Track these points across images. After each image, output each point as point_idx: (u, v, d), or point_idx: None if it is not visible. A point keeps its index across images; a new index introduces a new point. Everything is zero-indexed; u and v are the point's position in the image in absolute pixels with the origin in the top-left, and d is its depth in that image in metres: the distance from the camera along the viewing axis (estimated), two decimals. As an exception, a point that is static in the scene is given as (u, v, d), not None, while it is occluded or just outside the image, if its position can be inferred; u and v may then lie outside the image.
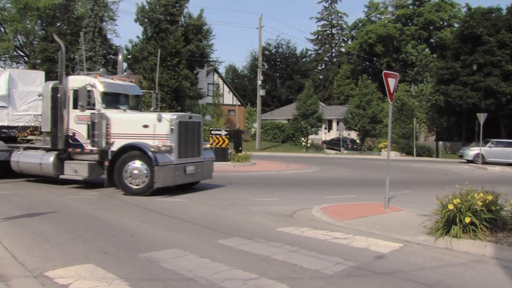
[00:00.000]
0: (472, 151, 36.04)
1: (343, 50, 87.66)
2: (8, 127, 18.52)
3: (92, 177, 15.67)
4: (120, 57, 20.49)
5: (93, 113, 15.39)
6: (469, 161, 35.74)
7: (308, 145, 54.29)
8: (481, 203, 8.55)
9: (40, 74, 20.34)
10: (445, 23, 77.74)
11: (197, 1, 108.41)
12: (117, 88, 16.85)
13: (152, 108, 18.58)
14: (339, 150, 52.31)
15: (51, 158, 16.15)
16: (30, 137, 18.32)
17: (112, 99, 16.31)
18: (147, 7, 49.43)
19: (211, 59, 57.41)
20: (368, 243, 8.68)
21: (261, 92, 48.78)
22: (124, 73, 19.84)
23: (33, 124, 18.53)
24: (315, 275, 6.75)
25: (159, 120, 14.88)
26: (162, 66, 38.18)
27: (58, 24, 56.52)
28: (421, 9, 78.37)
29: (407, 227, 9.77)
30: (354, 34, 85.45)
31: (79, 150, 15.94)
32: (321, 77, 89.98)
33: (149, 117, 15.57)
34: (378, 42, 74.49)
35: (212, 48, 55.57)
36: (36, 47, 53.96)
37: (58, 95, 16.05)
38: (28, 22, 55.95)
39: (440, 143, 55.39)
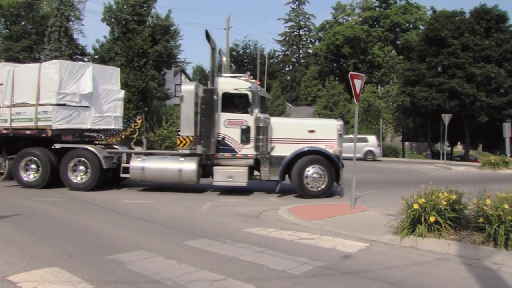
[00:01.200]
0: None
1: (310, 51, 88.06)
2: (90, 130, 17.41)
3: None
4: (224, 58, 19.58)
5: (258, 118, 15.42)
6: None
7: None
8: (445, 203, 8.68)
9: (116, 71, 19.11)
10: (411, 26, 78.61)
11: (165, 1, 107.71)
12: (263, 92, 17.10)
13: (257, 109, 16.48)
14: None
15: (194, 164, 15.45)
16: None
17: (259, 103, 16.04)
18: (114, 7, 48.86)
19: (178, 60, 57.02)
20: (335, 243, 8.73)
21: (229, 93, 48.68)
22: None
23: (114, 127, 18.04)
24: (282, 275, 6.77)
25: (329, 125, 16.07)
26: (129, 67, 37.85)
27: (23, 23, 55.56)
28: (387, 12, 79.12)
29: (373, 226, 9.86)
30: (322, 36, 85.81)
31: (229, 155, 15.57)
32: (288, 78, 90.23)
33: (315, 122, 17.40)
34: (345, 43, 75.00)
35: (179, 49, 55.20)
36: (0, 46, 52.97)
37: (208, 98, 15.48)
38: (-10, 20, 54.98)
39: (406, 143, 56.14)
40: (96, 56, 49.51)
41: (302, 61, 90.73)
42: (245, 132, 15.32)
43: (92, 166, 15.95)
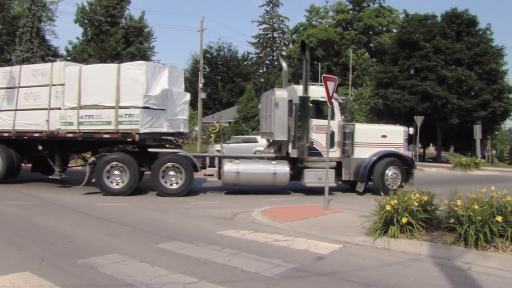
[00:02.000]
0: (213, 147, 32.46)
1: (284, 53, 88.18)
2: (166, 134, 17.10)
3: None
4: (284, 64, 20.44)
5: (345, 124, 17.02)
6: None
7: (251, 148, 54.31)
8: (417, 204, 8.77)
9: (181, 73, 18.72)
10: (384, 29, 79.22)
11: (139, 3, 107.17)
12: (341, 99, 18.09)
13: (343, 117, 17.61)
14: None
15: (287, 167, 16.47)
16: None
17: (340, 109, 17.33)
18: (87, 8, 48.55)
19: (152, 62, 56.82)
20: (308, 245, 8.77)
21: (202, 95, 48.43)
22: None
23: (184, 131, 17.91)
24: (255, 277, 6.77)
25: (400, 131, 17.90)
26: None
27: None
28: (361, 15, 79.60)
29: (346, 228, 9.91)
30: (295, 38, 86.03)
31: (316, 158, 16.45)
32: (262, 80, 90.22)
33: (386, 128, 19.10)
34: (319, 46, 75.28)
35: (153, 51, 55.18)
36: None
37: (303, 105, 16.08)
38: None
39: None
40: (69, 58, 49.08)
41: (275, 63, 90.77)
42: (331, 137, 15.80)
43: (185, 171, 15.96)
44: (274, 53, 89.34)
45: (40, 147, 17.45)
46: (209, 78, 79.71)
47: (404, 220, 8.53)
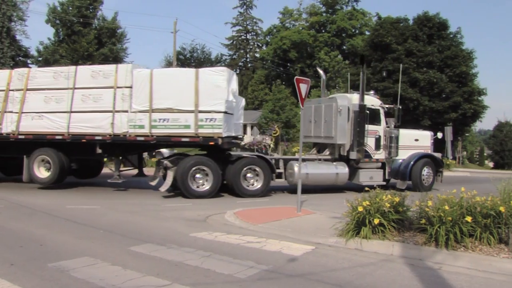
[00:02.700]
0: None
1: (257, 55, 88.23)
2: (235, 138, 17.84)
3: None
4: (322, 73, 22.29)
5: (392, 130, 19.08)
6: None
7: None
8: (389, 205, 8.85)
9: (236, 77, 18.48)
10: (357, 31, 79.75)
11: (112, 3, 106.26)
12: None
13: (393, 123, 19.54)
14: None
15: (346, 168, 18.13)
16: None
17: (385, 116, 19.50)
18: (59, 8, 47.95)
19: (125, 63, 56.31)
20: (280, 246, 8.78)
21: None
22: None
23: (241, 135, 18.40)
24: (228, 279, 6.75)
25: (427, 135, 20.57)
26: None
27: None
28: (334, 17, 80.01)
29: (319, 229, 9.95)
30: (269, 40, 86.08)
31: (367, 160, 18.48)
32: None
33: (417, 133, 20.89)
34: (292, 48, 75.49)
35: (126, 52, 54.65)
36: None
37: (361, 112, 17.84)
38: None
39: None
40: (40, 58, 48.40)
41: (249, 65, 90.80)
42: (378, 140, 18.63)
43: (264, 174, 16.80)
44: (247, 55, 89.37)
45: (99, 150, 17.33)
46: (183, 80, 79.20)
47: (376, 221, 8.60)
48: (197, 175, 16.04)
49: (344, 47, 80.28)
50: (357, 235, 8.81)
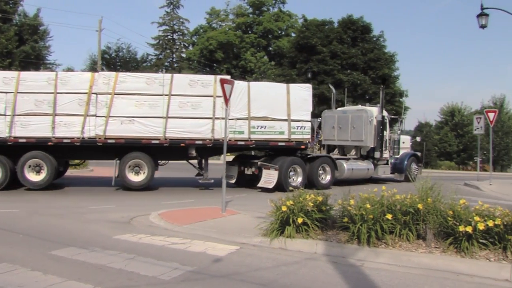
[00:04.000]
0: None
1: (184, 55, 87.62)
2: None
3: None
4: (333, 88, 27.88)
5: (397, 135, 24.75)
6: None
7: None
8: (312, 204, 8.97)
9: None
10: (283, 33, 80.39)
11: None
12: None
13: (399, 130, 26.14)
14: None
15: (372, 164, 22.86)
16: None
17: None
18: (-26, 2, 46.00)
19: (48, 62, 54.57)
20: (205, 247, 8.76)
21: (100, 97, 47.28)
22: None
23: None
24: (152, 281, 6.68)
25: (407, 138, 26.40)
26: (-7, 68, 35.78)
27: None
28: (260, 18, 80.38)
29: (243, 229, 9.97)
30: (195, 40, 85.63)
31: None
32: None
33: (404, 137, 25.76)
34: (219, 48, 75.39)
35: (49, 50, 53.05)
36: None
37: (382, 121, 22.83)
38: None
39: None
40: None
41: (175, 65, 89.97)
42: (386, 143, 23.48)
43: (331, 170, 20.69)
44: (174, 55, 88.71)
45: (194, 153, 18.75)
46: (108, 79, 77.72)
47: (300, 220, 8.69)
48: (291, 173, 19.12)
49: (270, 48, 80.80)
50: (281, 235, 8.87)
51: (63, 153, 18.21)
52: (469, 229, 7.75)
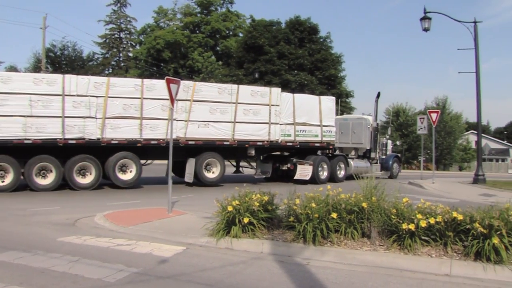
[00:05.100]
0: None
1: (131, 55, 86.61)
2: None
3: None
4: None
5: (385, 139, 31.46)
6: None
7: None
8: (258, 204, 9.00)
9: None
10: (231, 33, 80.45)
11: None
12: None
13: (387, 136, 33.88)
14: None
15: (369, 163, 27.95)
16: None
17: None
18: None
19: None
20: (151, 248, 8.68)
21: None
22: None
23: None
24: (97, 284, 6.58)
25: (390, 142, 31.99)
26: None
27: None
28: (208, 18, 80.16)
29: (190, 230, 9.93)
30: (143, 39, 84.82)
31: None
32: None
33: (389, 141, 31.80)
34: (166, 48, 74.76)
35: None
36: None
37: (377, 128, 28.80)
38: None
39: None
40: None
41: (122, 64, 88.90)
42: (377, 146, 28.83)
43: (345, 166, 25.85)
44: (121, 54, 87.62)
45: (253, 153, 22.14)
46: (52, 78, 76.04)
47: (246, 220, 8.71)
48: (319, 168, 23.83)
49: (218, 48, 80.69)
50: (227, 235, 8.88)
51: (146, 154, 20.20)
52: (412, 226, 7.95)
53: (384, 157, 29.82)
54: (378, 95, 30.15)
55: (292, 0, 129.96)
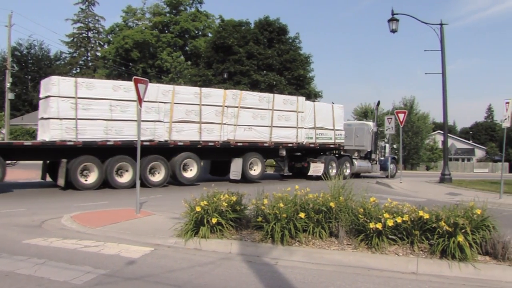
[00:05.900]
0: None
1: (99, 54, 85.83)
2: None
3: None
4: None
5: (384, 142, 33.57)
6: None
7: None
8: (226, 204, 9.01)
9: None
10: (200, 33, 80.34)
11: None
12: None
13: (385, 139, 35.35)
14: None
15: (370, 163, 31.14)
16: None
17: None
18: None
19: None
20: (119, 249, 8.62)
21: (10, 96, 45.48)
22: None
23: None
24: (63, 286, 6.50)
25: (387, 145, 33.43)
26: None
27: None
28: (177, 18, 79.91)
29: (158, 230, 9.89)
30: (111, 39, 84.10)
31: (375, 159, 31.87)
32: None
33: (386, 144, 33.52)
34: (135, 47, 74.25)
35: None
36: None
37: (377, 133, 31.96)
38: None
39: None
40: None
41: (90, 64, 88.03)
42: (378, 148, 31.95)
43: (350, 165, 29.09)
44: (89, 53, 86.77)
45: (284, 153, 25.22)
46: (18, 77, 75.06)
47: (214, 220, 8.72)
48: (329, 166, 26.93)
49: (187, 48, 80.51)
50: (196, 235, 8.87)
51: (202, 154, 22.47)
52: (379, 225, 8.05)
53: (382, 158, 32.41)
54: (378, 103, 35.00)
55: (261, 0, 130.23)
